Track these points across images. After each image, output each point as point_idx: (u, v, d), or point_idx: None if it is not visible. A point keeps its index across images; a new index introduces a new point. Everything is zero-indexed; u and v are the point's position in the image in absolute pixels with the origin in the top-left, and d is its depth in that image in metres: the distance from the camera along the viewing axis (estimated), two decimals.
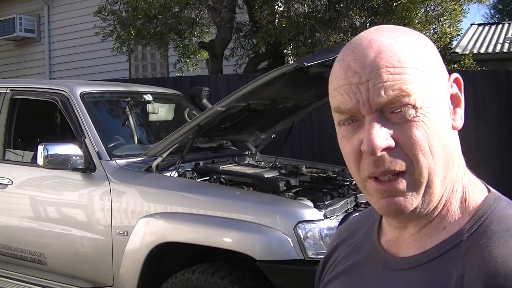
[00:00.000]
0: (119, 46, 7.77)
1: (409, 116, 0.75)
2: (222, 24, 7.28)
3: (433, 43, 0.82)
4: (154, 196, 3.31)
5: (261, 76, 3.17)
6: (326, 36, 6.32)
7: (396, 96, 0.74)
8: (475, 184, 0.83)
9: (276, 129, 4.41)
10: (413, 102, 0.75)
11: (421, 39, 0.80)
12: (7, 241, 3.90)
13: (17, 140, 4.34)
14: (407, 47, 0.77)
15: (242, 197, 3.20)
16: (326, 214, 2.97)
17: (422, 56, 0.77)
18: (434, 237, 0.80)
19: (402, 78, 0.75)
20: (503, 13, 25.23)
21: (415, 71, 0.75)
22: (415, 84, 0.75)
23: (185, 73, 8.59)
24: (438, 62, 0.80)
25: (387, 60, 0.75)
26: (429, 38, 1.41)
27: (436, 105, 0.76)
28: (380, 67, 0.75)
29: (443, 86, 0.79)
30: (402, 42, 0.77)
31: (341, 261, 0.94)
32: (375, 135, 0.75)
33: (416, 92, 0.75)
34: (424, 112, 0.75)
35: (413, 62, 0.76)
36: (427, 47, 0.80)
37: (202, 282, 3.01)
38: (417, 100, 0.75)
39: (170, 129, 3.71)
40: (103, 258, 3.42)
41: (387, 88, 0.74)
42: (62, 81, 5.16)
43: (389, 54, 0.75)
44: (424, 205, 0.77)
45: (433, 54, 0.80)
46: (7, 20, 12.24)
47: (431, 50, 0.80)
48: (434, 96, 0.77)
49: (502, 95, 5.68)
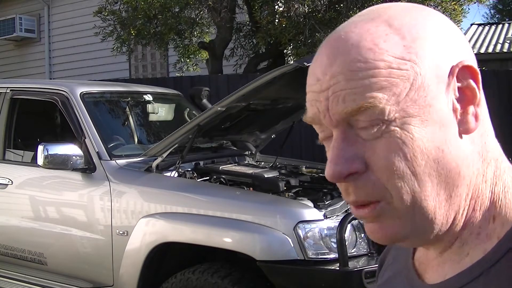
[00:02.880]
0: (119, 46, 7.77)
1: (379, 132, 0.57)
2: (222, 24, 7.28)
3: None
4: (154, 196, 3.31)
5: (261, 76, 3.17)
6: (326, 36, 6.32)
7: (357, 106, 0.57)
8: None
9: (276, 129, 4.40)
10: (382, 114, 0.57)
11: (418, 19, 0.61)
12: (7, 241, 3.90)
13: (17, 140, 4.34)
14: (383, 40, 0.58)
15: (242, 197, 3.20)
16: (326, 214, 2.97)
17: (406, 46, 0.58)
18: (457, 264, 0.62)
19: (366, 83, 0.57)
20: (503, 13, 25.24)
21: (388, 72, 0.57)
22: (385, 89, 0.57)
23: (185, 73, 8.59)
24: (438, 51, 0.59)
25: (351, 61, 0.59)
26: None
27: (422, 112, 0.57)
28: (341, 72, 0.59)
29: (440, 81, 0.58)
30: (378, 34, 0.59)
31: (388, 267, 0.80)
32: (336, 158, 0.59)
33: (386, 100, 0.57)
34: (400, 124, 0.57)
35: (386, 60, 0.57)
36: (422, 30, 0.60)
37: (202, 282, 3.01)
38: (387, 110, 0.57)
39: (170, 129, 3.71)
40: (103, 258, 3.42)
41: (346, 97, 0.58)
42: (62, 81, 5.16)
43: (353, 55, 0.59)
44: (421, 232, 0.60)
45: (432, 39, 0.59)
46: (7, 20, 12.25)
47: (430, 34, 0.60)
48: (419, 99, 0.57)
49: (502, 95, 5.69)
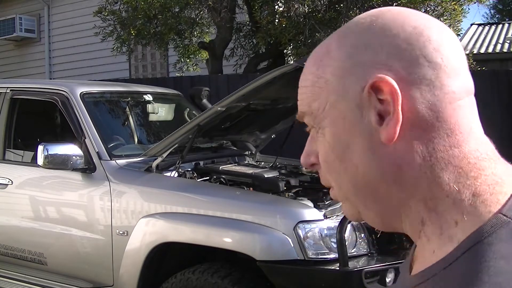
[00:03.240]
0: (119, 46, 7.77)
1: (315, 134, 0.70)
2: (222, 24, 7.28)
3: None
4: (154, 196, 3.31)
5: (261, 76, 3.17)
6: (326, 36, 6.31)
7: (300, 114, 0.71)
8: (483, 201, 0.60)
9: (276, 129, 4.40)
10: (311, 121, 0.69)
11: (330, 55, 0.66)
12: (7, 241, 3.90)
13: (17, 140, 4.34)
14: (321, 58, 0.67)
15: (242, 197, 3.20)
16: (326, 214, 2.97)
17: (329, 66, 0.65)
18: (424, 261, 0.63)
19: (305, 95, 0.68)
20: (503, 13, 25.24)
21: (314, 89, 0.67)
22: (314, 102, 0.67)
23: (185, 73, 8.59)
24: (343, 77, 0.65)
25: (303, 74, 0.69)
26: None
27: (335, 123, 0.65)
28: (299, 83, 0.70)
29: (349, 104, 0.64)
30: (324, 50, 0.67)
31: None
32: (303, 152, 0.73)
33: (313, 111, 0.67)
34: (322, 131, 0.67)
35: (315, 77, 0.66)
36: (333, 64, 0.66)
37: (202, 282, 3.01)
38: (312, 119, 0.68)
39: (170, 129, 3.71)
40: (103, 258, 3.42)
41: (299, 106, 0.70)
42: (62, 81, 5.16)
43: (306, 69, 0.69)
44: (370, 219, 0.68)
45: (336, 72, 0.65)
46: (7, 20, 12.25)
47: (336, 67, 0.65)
48: (334, 112, 0.65)
49: (502, 95, 5.69)
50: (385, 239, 3.04)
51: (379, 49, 0.63)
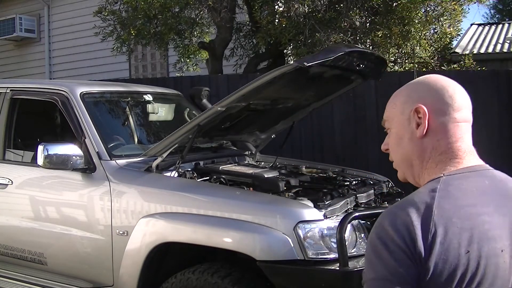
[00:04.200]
0: (119, 46, 7.76)
1: (389, 132, 1.39)
2: (222, 24, 7.28)
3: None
4: (154, 196, 3.31)
5: (261, 76, 3.17)
6: (326, 36, 6.32)
7: (384, 121, 1.40)
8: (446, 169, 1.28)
9: (276, 129, 4.40)
10: (388, 125, 1.38)
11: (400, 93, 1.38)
12: (7, 241, 3.90)
13: (17, 140, 4.34)
14: (396, 95, 1.38)
15: (242, 197, 3.20)
16: (326, 214, 2.97)
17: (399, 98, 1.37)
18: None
19: (387, 112, 1.39)
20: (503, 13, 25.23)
21: (391, 109, 1.37)
22: (390, 115, 1.37)
23: (185, 73, 8.59)
24: (404, 104, 1.35)
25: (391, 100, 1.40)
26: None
27: (397, 127, 1.35)
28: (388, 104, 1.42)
29: (404, 117, 1.34)
30: (398, 91, 1.38)
31: None
32: (384, 142, 1.41)
33: (389, 119, 1.38)
34: (391, 131, 1.37)
35: (392, 103, 1.38)
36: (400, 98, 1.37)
37: (202, 282, 3.01)
38: (388, 124, 1.38)
39: (170, 129, 3.71)
40: (103, 258, 3.42)
41: (384, 116, 1.41)
42: (62, 81, 5.16)
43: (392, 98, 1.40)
44: (408, 177, 1.37)
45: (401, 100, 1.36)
46: (7, 20, 12.24)
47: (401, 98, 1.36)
48: (398, 121, 1.35)
49: (502, 95, 5.68)
50: None
51: (422, 93, 1.32)
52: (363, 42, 7.08)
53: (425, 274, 1.14)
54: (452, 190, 1.21)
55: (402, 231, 1.16)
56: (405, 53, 8.06)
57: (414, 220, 1.16)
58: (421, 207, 1.18)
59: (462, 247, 1.15)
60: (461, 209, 1.19)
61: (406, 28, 6.75)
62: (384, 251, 1.17)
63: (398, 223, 1.17)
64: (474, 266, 1.15)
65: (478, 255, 1.16)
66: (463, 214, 1.18)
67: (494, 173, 1.33)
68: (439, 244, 1.14)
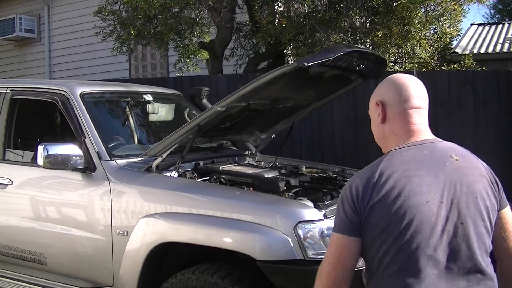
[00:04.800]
0: (119, 46, 7.76)
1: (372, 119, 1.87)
2: (222, 24, 7.28)
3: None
4: (154, 196, 3.31)
5: (261, 76, 3.17)
6: (326, 36, 6.32)
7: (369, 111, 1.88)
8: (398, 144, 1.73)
9: (276, 129, 4.40)
10: (370, 114, 1.85)
11: (375, 90, 1.86)
12: (7, 241, 3.90)
13: (17, 140, 4.34)
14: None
15: (242, 197, 3.20)
16: (326, 214, 2.97)
17: (371, 98, 1.85)
18: None
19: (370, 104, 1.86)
20: (503, 13, 25.23)
21: (370, 103, 1.85)
22: (370, 107, 1.85)
23: (185, 73, 8.59)
24: (373, 99, 1.84)
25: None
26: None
27: (372, 115, 1.83)
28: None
29: (373, 108, 1.83)
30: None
31: None
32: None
33: (369, 110, 1.85)
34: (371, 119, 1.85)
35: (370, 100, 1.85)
36: (374, 93, 1.86)
37: (202, 282, 3.01)
38: (370, 113, 1.85)
39: (170, 129, 3.71)
40: (103, 258, 3.42)
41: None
42: (62, 81, 5.15)
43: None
44: (382, 148, 1.82)
45: (373, 96, 1.84)
46: (7, 20, 12.24)
47: (374, 95, 1.85)
48: (371, 113, 1.84)
49: (502, 95, 5.68)
50: None
51: (382, 90, 1.80)
52: (363, 42, 7.08)
53: (365, 224, 1.60)
54: (393, 160, 1.66)
55: (352, 191, 1.64)
56: (405, 53, 8.07)
57: (359, 183, 1.64)
58: (368, 173, 1.65)
59: (394, 201, 1.57)
60: (395, 173, 1.62)
61: (406, 28, 6.75)
62: (340, 207, 1.67)
63: (351, 186, 1.66)
64: (402, 214, 1.56)
65: (407, 205, 1.57)
66: (396, 176, 1.61)
67: (436, 145, 1.71)
68: (376, 201, 1.59)
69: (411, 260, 1.55)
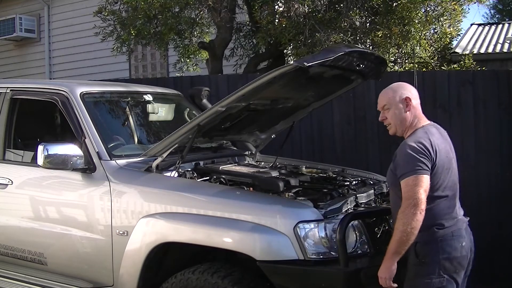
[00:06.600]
0: (119, 46, 7.75)
1: (387, 111, 2.97)
2: (222, 24, 7.27)
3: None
4: (154, 196, 3.31)
5: (261, 76, 3.17)
6: (326, 36, 6.31)
7: (380, 106, 3.01)
8: (417, 127, 2.91)
9: (276, 129, 4.41)
10: (386, 107, 2.96)
11: (392, 90, 2.99)
12: (7, 241, 3.90)
13: (17, 140, 4.34)
14: (386, 93, 2.99)
15: (242, 197, 3.20)
16: (326, 214, 2.98)
17: (390, 95, 2.97)
18: None
19: (384, 101, 3.00)
20: (503, 13, 25.22)
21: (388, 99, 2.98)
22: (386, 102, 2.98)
23: (185, 73, 8.58)
24: (397, 96, 2.94)
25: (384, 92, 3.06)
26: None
27: (395, 107, 2.94)
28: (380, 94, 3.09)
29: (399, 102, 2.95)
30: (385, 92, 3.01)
31: None
32: (380, 116, 3.02)
33: (386, 104, 2.96)
34: (390, 110, 2.96)
35: (385, 97, 2.98)
36: (393, 93, 2.97)
37: (202, 282, 3.01)
38: (387, 106, 2.96)
39: (170, 129, 3.71)
40: (103, 258, 3.42)
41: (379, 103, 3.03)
42: (62, 81, 5.15)
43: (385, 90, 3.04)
44: (399, 133, 2.95)
45: (395, 94, 2.96)
46: (7, 20, 12.23)
47: (395, 93, 2.96)
48: (394, 105, 2.94)
49: (502, 95, 5.67)
50: (385, 239, 3.04)
51: (405, 91, 2.96)
52: (363, 42, 7.07)
53: (434, 167, 2.71)
54: (428, 132, 2.82)
55: (423, 147, 2.70)
56: (405, 53, 8.05)
57: (426, 143, 2.73)
58: (425, 138, 2.76)
59: (444, 154, 2.79)
60: (436, 139, 2.80)
61: (406, 28, 6.74)
62: (416, 156, 2.68)
63: (424, 144, 2.72)
64: (449, 163, 2.82)
65: (450, 158, 2.85)
66: (437, 141, 2.80)
67: (434, 124, 2.95)
68: (437, 153, 2.74)
69: (454, 186, 2.84)
